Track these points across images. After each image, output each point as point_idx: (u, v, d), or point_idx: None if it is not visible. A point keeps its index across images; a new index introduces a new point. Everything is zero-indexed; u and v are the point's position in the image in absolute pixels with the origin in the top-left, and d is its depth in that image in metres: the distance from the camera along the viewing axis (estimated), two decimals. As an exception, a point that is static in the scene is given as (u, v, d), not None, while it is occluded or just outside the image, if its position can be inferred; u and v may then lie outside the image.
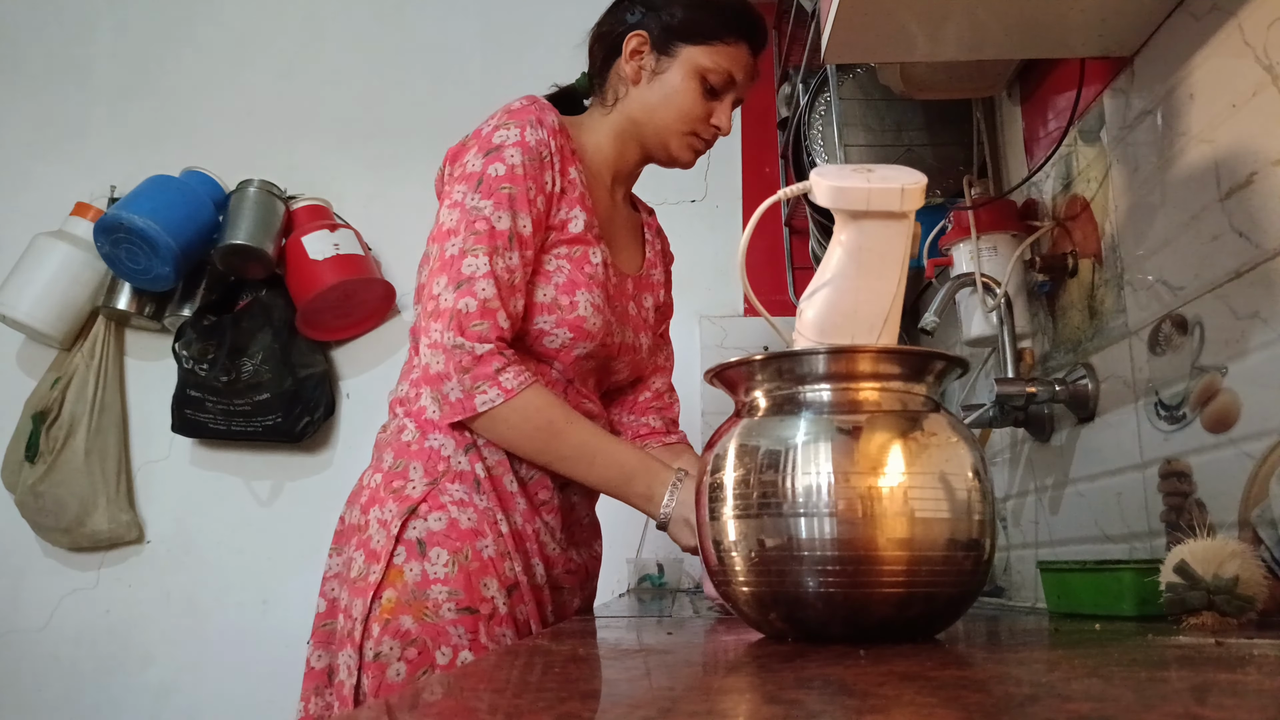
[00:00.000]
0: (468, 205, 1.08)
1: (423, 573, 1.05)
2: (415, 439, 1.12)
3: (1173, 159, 1.02)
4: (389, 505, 1.09)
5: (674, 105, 1.20)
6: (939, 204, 1.50)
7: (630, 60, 1.21)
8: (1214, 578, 0.69)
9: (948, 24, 1.05)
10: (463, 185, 1.10)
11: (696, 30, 1.19)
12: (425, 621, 1.03)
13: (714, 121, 1.22)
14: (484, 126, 1.14)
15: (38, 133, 2.56)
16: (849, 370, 0.65)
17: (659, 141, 1.23)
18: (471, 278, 1.04)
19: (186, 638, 2.30)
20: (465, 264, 1.05)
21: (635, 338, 1.26)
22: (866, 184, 0.68)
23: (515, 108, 1.14)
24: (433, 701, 0.41)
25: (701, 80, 1.19)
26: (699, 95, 1.20)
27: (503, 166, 1.09)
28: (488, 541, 1.08)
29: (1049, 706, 0.36)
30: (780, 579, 0.62)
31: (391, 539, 1.06)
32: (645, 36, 1.20)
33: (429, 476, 1.10)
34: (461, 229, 1.07)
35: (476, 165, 1.10)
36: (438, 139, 2.50)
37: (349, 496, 1.19)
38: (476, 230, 1.06)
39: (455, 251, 1.06)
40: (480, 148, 1.11)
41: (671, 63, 1.19)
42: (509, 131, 1.11)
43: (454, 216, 1.08)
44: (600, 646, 0.69)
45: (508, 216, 1.07)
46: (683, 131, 1.22)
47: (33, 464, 2.26)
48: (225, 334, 2.28)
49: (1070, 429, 1.26)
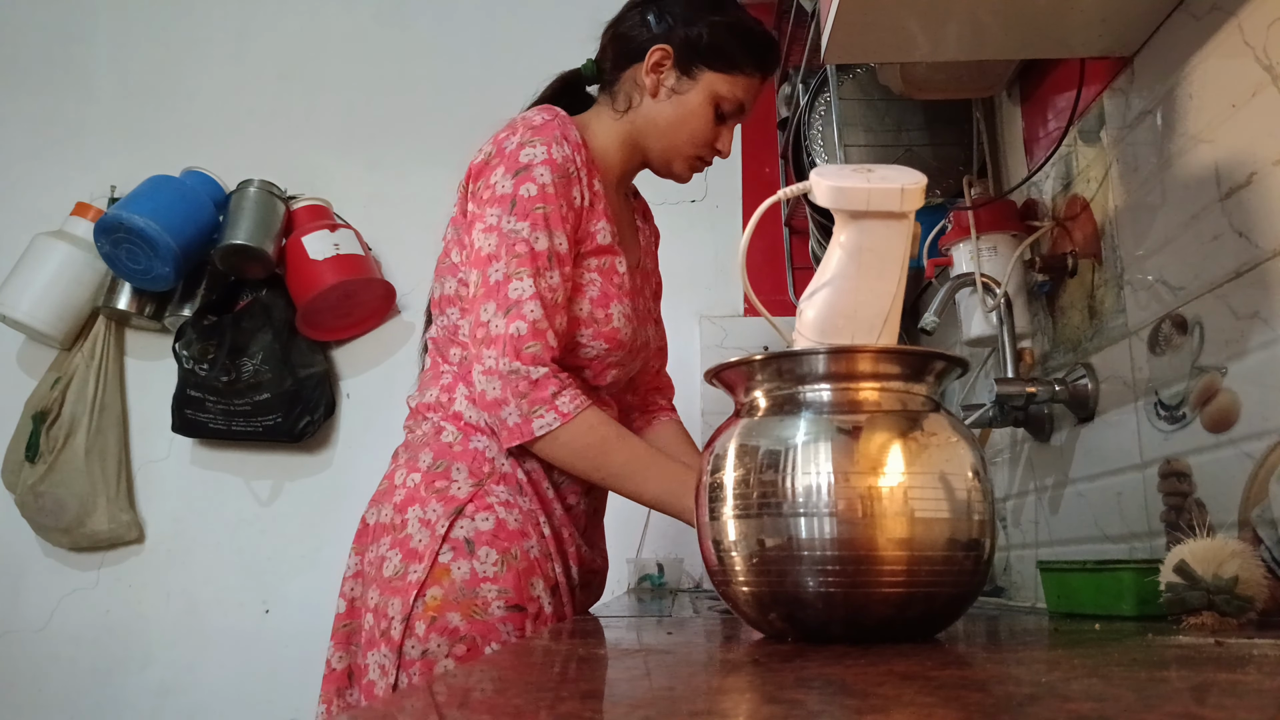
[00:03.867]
0: (505, 229, 1.09)
1: (472, 571, 1.06)
2: (458, 440, 1.14)
3: (1173, 159, 1.02)
4: (432, 505, 1.10)
5: (687, 128, 1.21)
6: (939, 204, 1.50)
7: (651, 73, 1.21)
8: (1214, 578, 0.69)
9: (948, 24, 1.05)
10: (496, 209, 1.10)
11: (721, 57, 1.19)
12: (475, 619, 1.05)
13: (718, 145, 1.24)
14: (505, 142, 1.13)
15: (38, 133, 2.56)
16: (849, 370, 0.65)
17: (664, 159, 1.25)
18: (519, 301, 1.06)
19: (186, 638, 2.30)
20: (511, 288, 1.06)
21: (646, 333, 1.29)
22: (866, 184, 0.68)
23: (538, 123, 1.14)
24: (433, 702, 0.41)
25: (716, 106, 1.21)
26: (711, 120, 1.21)
27: (534, 187, 1.09)
28: (533, 542, 1.10)
29: (1049, 706, 0.36)
30: (780, 579, 0.62)
31: (437, 538, 1.07)
32: (669, 51, 1.20)
33: (474, 478, 1.11)
34: (502, 253, 1.08)
35: (507, 187, 1.10)
36: (438, 139, 2.52)
37: (374, 496, 1.19)
38: (518, 254, 1.07)
39: (500, 277, 1.07)
40: (508, 167, 1.11)
41: (692, 85, 1.20)
42: (535, 149, 1.11)
43: (492, 241, 1.09)
44: (600, 646, 0.69)
45: (545, 237, 1.08)
46: (689, 154, 1.24)
47: (33, 464, 2.26)
48: (225, 334, 2.28)
49: (1070, 429, 1.26)
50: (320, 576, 2.28)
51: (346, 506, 2.27)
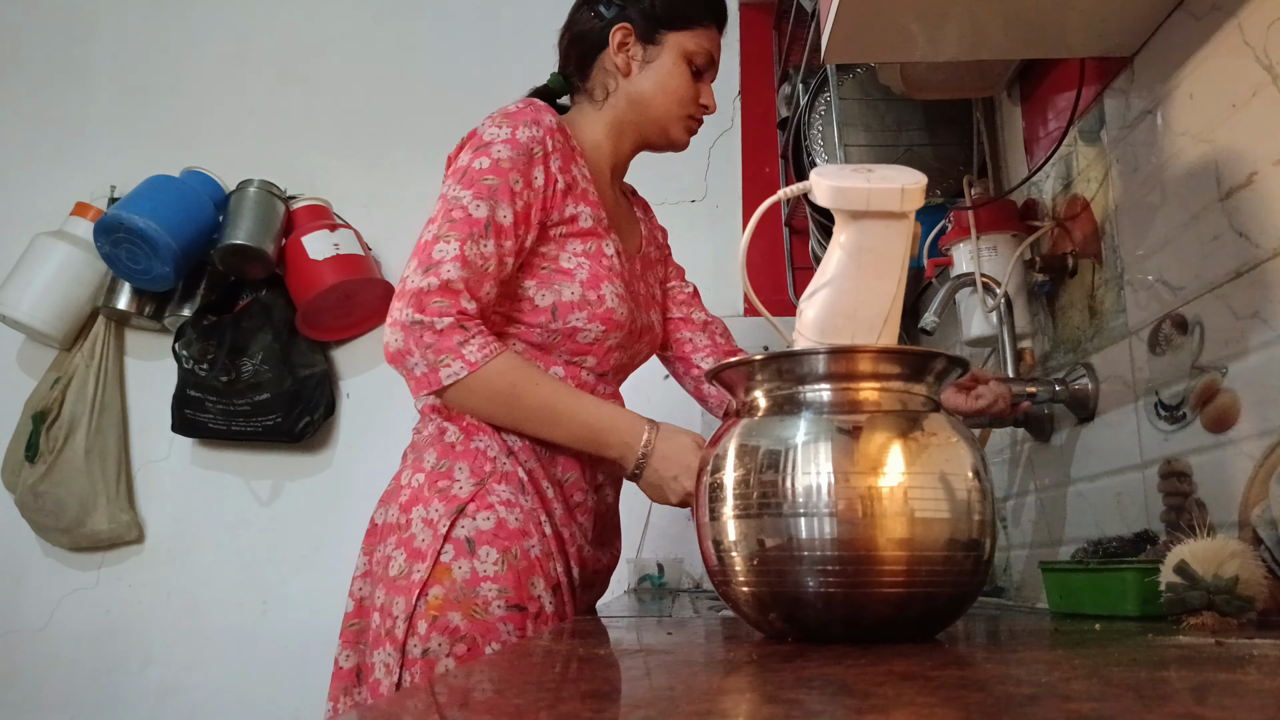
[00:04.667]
0: (449, 195, 1.11)
1: (472, 570, 1.06)
2: (460, 440, 1.14)
3: (1173, 159, 1.02)
4: (435, 505, 1.10)
5: (670, 90, 1.24)
6: (939, 204, 1.50)
7: (619, 52, 1.24)
8: (1214, 578, 0.69)
9: (948, 24, 1.05)
10: (450, 180, 1.13)
11: (679, 15, 1.23)
12: (475, 618, 1.05)
13: (703, 101, 1.27)
14: (480, 128, 1.17)
15: (38, 133, 2.56)
16: (849, 370, 0.65)
17: (658, 128, 1.27)
18: (439, 262, 1.06)
19: (186, 638, 2.30)
20: (436, 249, 1.07)
21: (649, 317, 1.30)
22: (866, 184, 0.68)
23: (511, 110, 1.17)
24: (434, 702, 0.41)
25: (689, 63, 1.24)
26: (689, 78, 1.24)
27: (488, 160, 1.11)
28: (534, 541, 1.10)
29: (1049, 706, 0.36)
30: (780, 579, 0.62)
31: (439, 538, 1.08)
32: (630, 28, 1.23)
33: (476, 477, 1.12)
34: (439, 217, 1.10)
35: (465, 160, 1.13)
36: (437, 139, 2.50)
37: (382, 496, 1.20)
38: (452, 219, 1.08)
39: (429, 238, 1.09)
40: (472, 145, 1.14)
41: (659, 50, 1.23)
42: (500, 130, 1.14)
43: (436, 207, 1.12)
44: (600, 646, 0.69)
45: (486, 206, 1.09)
46: (681, 115, 1.26)
47: (33, 464, 2.26)
48: (225, 334, 2.28)
49: (1070, 429, 1.26)
50: (320, 576, 2.28)
51: (346, 506, 2.28)
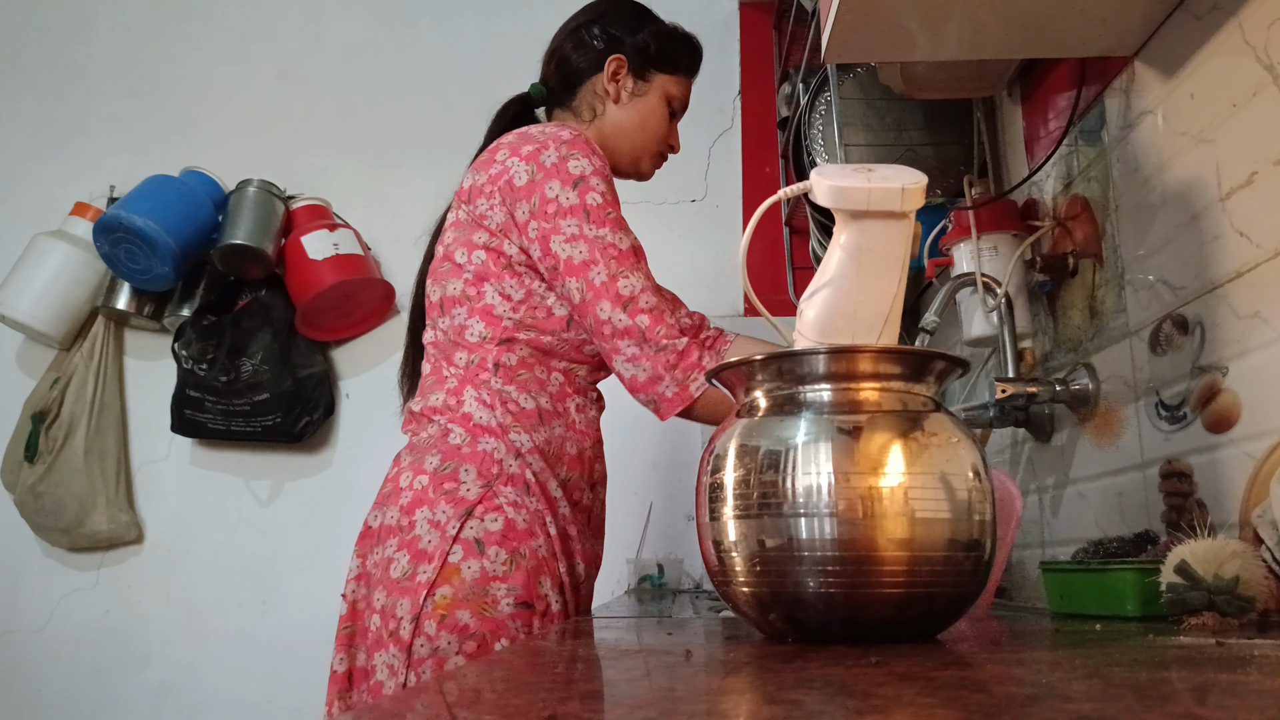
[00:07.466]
0: (590, 236, 1.15)
1: (482, 570, 1.08)
2: (466, 442, 1.15)
3: (1173, 159, 1.02)
4: (442, 506, 1.11)
5: (650, 127, 1.34)
6: (939, 204, 1.50)
7: (611, 81, 1.32)
8: (1215, 578, 0.69)
9: (948, 24, 1.05)
10: (572, 219, 1.16)
11: (668, 60, 1.34)
12: (485, 616, 1.07)
13: (672, 141, 1.38)
14: (542, 157, 1.17)
15: (38, 133, 2.56)
16: (849, 370, 0.65)
17: (631, 157, 1.35)
18: (634, 296, 1.14)
19: (186, 638, 2.30)
20: (621, 286, 1.14)
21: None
22: (867, 184, 0.68)
23: (566, 137, 1.19)
24: (434, 702, 0.41)
25: (668, 105, 1.34)
26: (666, 118, 1.35)
27: (598, 196, 1.17)
28: (540, 542, 1.12)
29: (1050, 707, 0.36)
30: (780, 579, 0.62)
31: (448, 539, 1.09)
32: (624, 61, 1.32)
33: (483, 479, 1.13)
34: (598, 258, 1.15)
35: (573, 199, 1.16)
36: (437, 139, 2.52)
37: (377, 499, 1.20)
38: (613, 255, 1.15)
39: (605, 278, 1.14)
40: (563, 181, 1.16)
41: (648, 87, 1.33)
42: (581, 161, 1.18)
43: (582, 249, 1.15)
44: (600, 646, 0.69)
45: (625, 236, 1.17)
46: (653, 150, 1.36)
47: (32, 464, 2.26)
48: (225, 334, 2.27)
49: (1070, 429, 1.26)
50: (320, 576, 2.28)
51: (346, 506, 2.28)
